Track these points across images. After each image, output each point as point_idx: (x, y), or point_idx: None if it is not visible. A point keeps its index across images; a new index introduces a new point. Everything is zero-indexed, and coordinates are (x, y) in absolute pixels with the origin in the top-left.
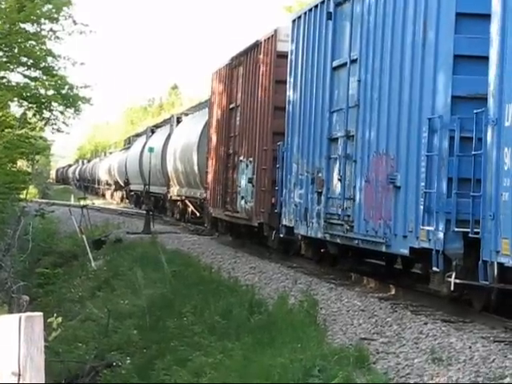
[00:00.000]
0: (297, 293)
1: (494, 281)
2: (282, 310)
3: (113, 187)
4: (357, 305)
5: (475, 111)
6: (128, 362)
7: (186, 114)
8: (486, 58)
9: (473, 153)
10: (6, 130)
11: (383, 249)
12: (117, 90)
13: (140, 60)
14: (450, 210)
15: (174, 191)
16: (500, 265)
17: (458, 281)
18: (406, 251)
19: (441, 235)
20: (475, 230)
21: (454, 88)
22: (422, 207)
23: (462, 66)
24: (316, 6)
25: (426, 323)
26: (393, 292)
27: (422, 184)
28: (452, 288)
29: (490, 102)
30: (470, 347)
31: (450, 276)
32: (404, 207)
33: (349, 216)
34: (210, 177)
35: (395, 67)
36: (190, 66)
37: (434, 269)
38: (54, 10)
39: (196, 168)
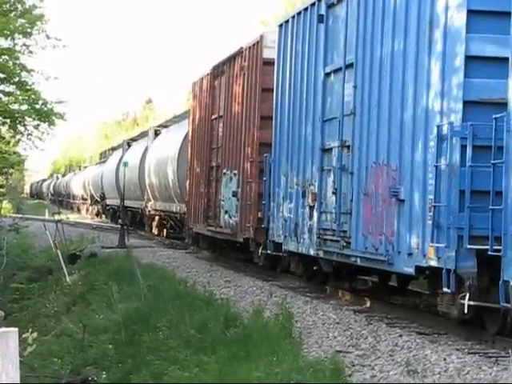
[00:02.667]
0: (272, 306)
1: None
2: (257, 324)
3: (88, 202)
4: (332, 318)
5: (494, 116)
6: (104, 376)
7: (165, 126)
8: (502, 60)
9: (492, 162)
10: None
11: (385, 267)
12: (90, 105)
13: (113, 75)
14: (462, 226)
15: (151, 206)
16: None
17: (472, 303)
18: (411, 270)
19: (452, 253)
20: (495, 248)
21: (466, 92)
22: (430, 222)
23: (475, 68)
24: (306, 9)
25: (400, 335)
26: (368, 305)
27: (430, 197)
28: (466, 310)
29: None
30: (445, 359)
31: (463, 297)
32: (409, 222)
33: (345, 232)
34: (190, 191)
35: (397, 70)
36: (163, 81)
37: (445, 289)
38: (27, 25)
39: (174, 182)
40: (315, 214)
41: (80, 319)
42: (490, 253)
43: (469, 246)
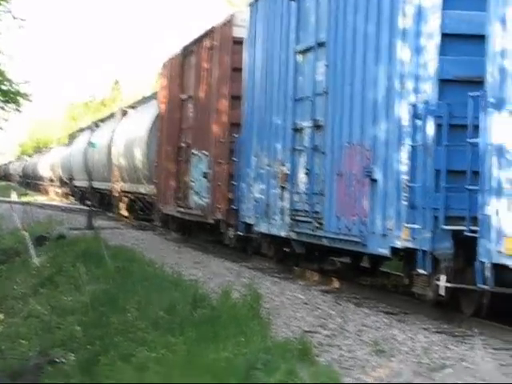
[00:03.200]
0: (240, 287)
1: (493, 284)
2: (225, 305)
3: (57, 183)
4: (300, 298)
5: (471, 94)
6: (72, 358)
7: (133, 107)
8: (478, 37)
9: (469, 141)
10: None
11: (359, 248)
12: (57, 86)
13: (80, 56)
14: (438, 206)
15: (119, 187)
16: (499, 266)
17: (448, 284)
18: (385, 251)
19: (428, 234)
20: (471, 228)
21: (441, 70)
22: (405, 203)
23: (451, 46)
24: None
25: (368, 315)
26: (336, 285)
27: (405, 177)
28: (443, 292)
29: (489, 83)
30: (412, 338)
31: (439, 279)
32: (383, 203)
33: (318, 212)
34: (160, 172)
35: (370, 48)
36: (131, 63)
37: (420, 271)
38: None
39: (143, 163)
40: (287, 195)
41: (48, 301)
42: (466, 233)
43: (445, 227)
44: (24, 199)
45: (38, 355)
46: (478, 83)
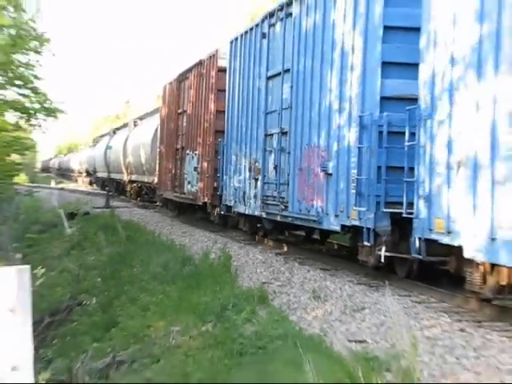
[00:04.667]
0: (216, 250)
1: (425, 254)
2: (205, 263)
3: (83, 174)
4: (259, 258)
5: (408, 108)
6: (94, 301)
7: (140, 119)
8: (410, 65)
9: (406, 144)
10: (4, 133)
11: (316, 225)
12: (84, 104)
13: (100, 80)
14: (379, 194)
15: (129, 177)
16: (428, 240)
17: (387, 254)
18: (337, 228)
19: (371, 215)
20: (408, 211)
21: (382, 90)
22: (353, 191)
23: (389, 71)
24: (251, 29)
25: (309, 271)
26: (285, 249)
27: (354, 171)
28: (382, 260)
29: (422, 100)
30: (340, 288)
31: (379, 249)
32: (335, 191)
33: (283, 198)
34: (161, 167)
35: (325, 72)
36: (138, 85)
37: (365, 243)
38: (38, 46)
39: (146, 160)
40: (259, 185)
41: (77, 260)
42: (404, 215)
43: (384, 210)
44: (59, 186)
45: (69, 299)
46: (411, 100)
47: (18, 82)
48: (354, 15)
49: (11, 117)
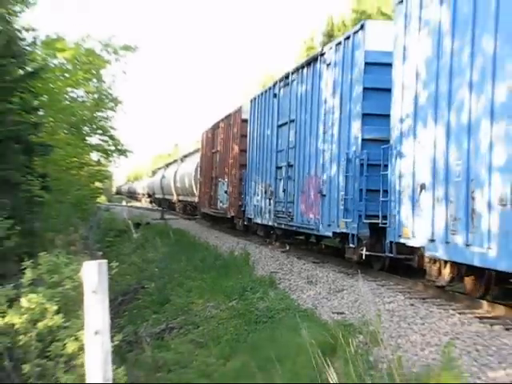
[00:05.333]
0: (239, 249)
1: (395, 253)
2: (231, 258)
3: (145, 196)
4: (269, 255)
5: (382, 147)
6: (152, 285)
7: (186, 157)
8: (384, 115)
9: (381, 173)
10: (90, 167)
11: (314, 232)
12: (146, 145)
13: (157, 126)
14: (361, 209)
15: (178, 198)
16: (397, 243)
17: (367, 253)
18: (330, 234)
19: (355, 225)
20: (383, 222)
21: (363, 133)
22: (342, 207)
23: (368, 120)
24: (265, 91)
25: (304, 264)
26: (287, 248)
27: (342, 193)
28: (363, 257)
29: (392, 141)
30: (327, 275)
31: (361, 249)
32: (328, 207)
33: (290, 212)
34: (201, 190)
35: (314, 124)
36: (183, 132)
37: (350, 245)
38: (113, 105)
39: (190, 185)
40: (272, 203)
41: (140, 256)
42: (380, 225)
43: (365, 221)
44: (128, 204)
45: (135, 284)
46: (383, 141)
47: (99, 132)
48: (334, 84)
49: (95, 156)
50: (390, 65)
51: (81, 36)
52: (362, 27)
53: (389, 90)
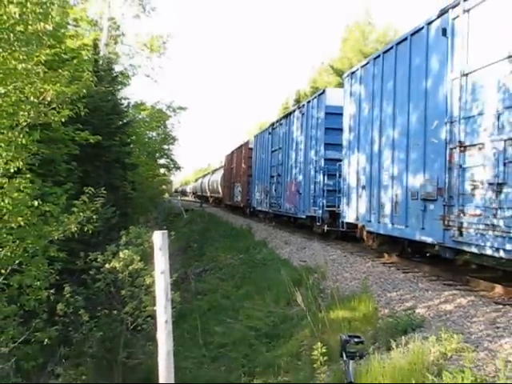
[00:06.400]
0: (245, 225)
1: (345, 228)
2: (241, 230)
3: (192, 193)
4: (263, 228)
5: (338, 164)
6: (195, 245)
7: (214, 171)
8: (338, 144)
9: (338, 180)
10: (159, 177)
11: (294, 215)
12: (190, 162)
13: (193, 150)
14: (323, 202)
15: (210, 195)
16: (348, 223)
17: (328, 228)
18: (304, 217)
19: (320, 211)
20: (338, 209)
21: (325, 155)
22: (312, 200)
23: (328, 147)
24: (264, 130)
25: (283, 232)
26: (273, 224)
27: (312, 192)
28: (325, 231)
29: (344, 159)
30: (297, 239)
31: (324, 226)
32: (303, 201)
33: (279, 203)
34: (223, 190)
35: (297, 149)
36: (211, 155)
37: (318, 224)
38: (172, 141)
39: (217, 187)
40: (268, 197)
41: (188, 228)
42: (337, 211)
43: (326, 209)
44: (181, 199)
45: (185, 244)
46: (339, 160)
47: (164, 156)
48: (301, 127)
49: (162, 170)
50: (340, 114)
51: (154, 101)
52: (323, 92)
53: (340, 129)
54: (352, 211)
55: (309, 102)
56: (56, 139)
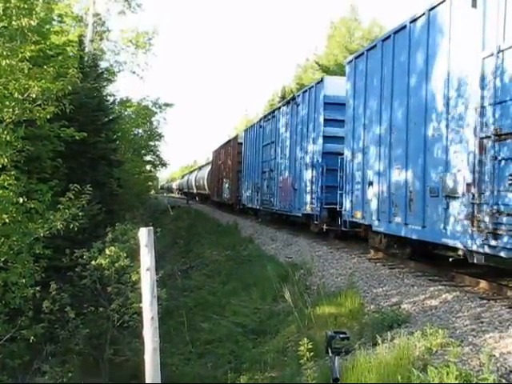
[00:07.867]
0: (232, 222)
1: (348, 227)
2: (228, 226)
3: (177, 190)
4: (250, 224)
5: (340, 158)
6: (181, 241)
7: (202, 166)
8: (340, 137)
9: (339, 175)
10: (145, 173)
11: (289, 213)
12: (175, 158)
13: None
14: (322, 199)
15: (196, 191)
16: (351, 222)
17: (327, 227)
18: (300, 215)
19: (318, 209)
20: (339, 207)
21: (324, 148)
22: (309, 197)
23: (327, 140)
24: (254, 125)
25: (270, 229)
26: (260, 220)
27: (308, 188)
28: (324, 230)
29: (345, 152)
30: (282, 236)
31: (323, 225)
32: (299, 197)
33: (272, 200)
34: (211, 186)
35: (291, 142)
36: (199, 150)
37: (315, 222)
38: (158, 138)
39: (204, 184)
40: (259, 195)
41: (174, 225)
42: (338, 210)
43: (325, 206)
44: (168, 195)
45: (171, 241)
46: (339, 153)
47: (150, 153)
48: (296, 119)
49: (148, 167)
50: (339, 104)
51: (140, 98)
52: (321, 80)
53: (339, 121)
54: (356, 209)
55: (305, 91)
56: (41, 136)
